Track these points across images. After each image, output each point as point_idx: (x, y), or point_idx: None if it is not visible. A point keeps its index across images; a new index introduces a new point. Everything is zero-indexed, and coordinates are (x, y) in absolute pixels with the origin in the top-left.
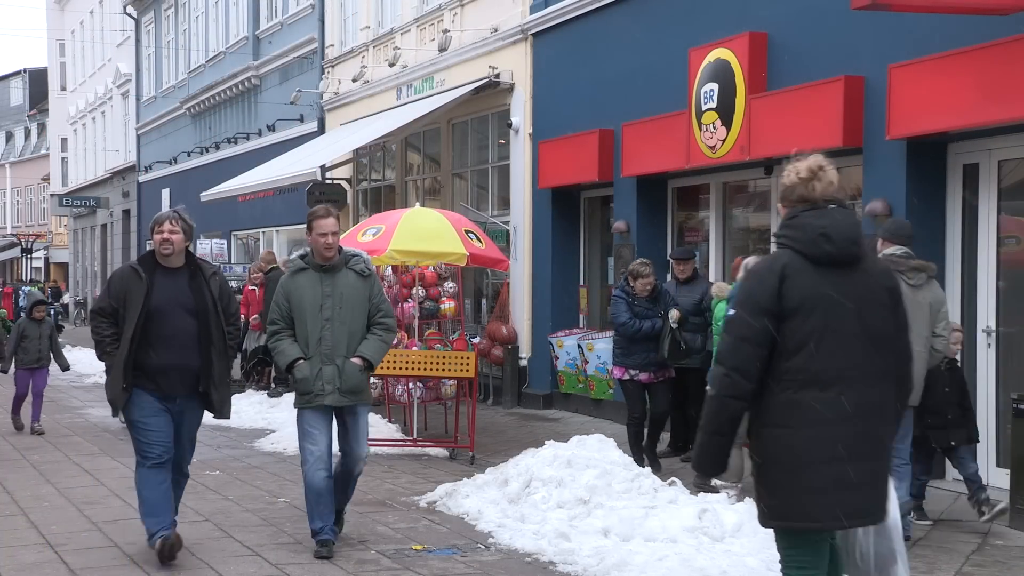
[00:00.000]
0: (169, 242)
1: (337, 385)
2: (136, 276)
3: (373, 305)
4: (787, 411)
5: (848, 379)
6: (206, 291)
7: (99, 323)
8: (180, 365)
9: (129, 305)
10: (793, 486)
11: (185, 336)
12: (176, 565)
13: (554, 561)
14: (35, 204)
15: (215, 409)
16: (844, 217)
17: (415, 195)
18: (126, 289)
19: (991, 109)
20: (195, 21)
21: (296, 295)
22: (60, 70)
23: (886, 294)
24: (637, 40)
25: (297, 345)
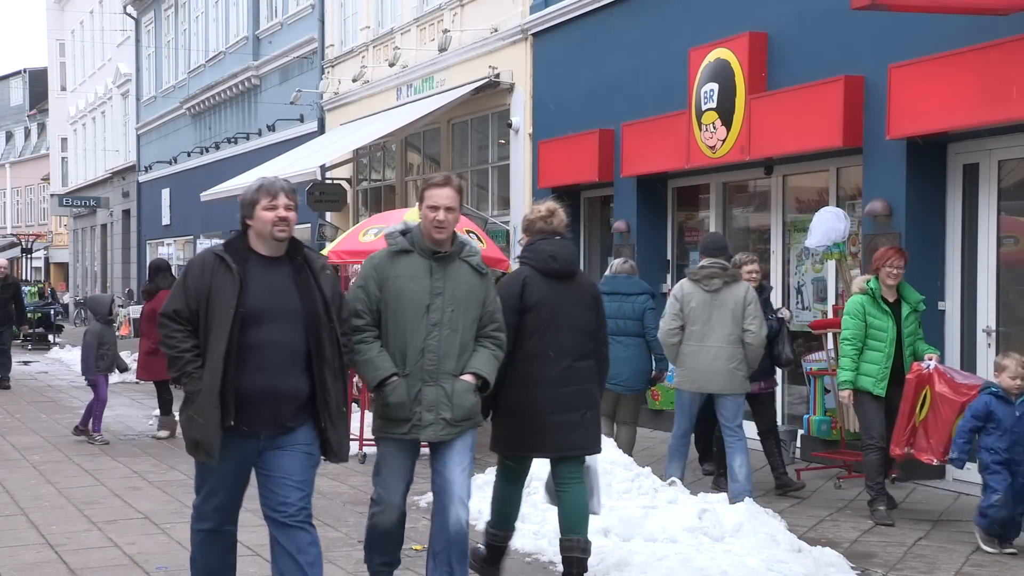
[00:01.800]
0: (287, 222)
1: (444, 414)
2: (224, 267)
3: (487, 312)
4: (519, 376)
5: (564, 356)
6: (315, 290)
7: (174, 332)
8: (279, 391)
9: (214, 307)
10: (520, 426)
11: (287, 351)
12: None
13: (554, 561)
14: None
15: (331, 450)
16: (565, 245)
17: (415, 195)
18: (209, 285)
19: (991, 109)
20: (195, 21)
21: (394, 285)
22: (60, 70)
23: (591, 299)
24: (637, 40)
25: (388, 355)
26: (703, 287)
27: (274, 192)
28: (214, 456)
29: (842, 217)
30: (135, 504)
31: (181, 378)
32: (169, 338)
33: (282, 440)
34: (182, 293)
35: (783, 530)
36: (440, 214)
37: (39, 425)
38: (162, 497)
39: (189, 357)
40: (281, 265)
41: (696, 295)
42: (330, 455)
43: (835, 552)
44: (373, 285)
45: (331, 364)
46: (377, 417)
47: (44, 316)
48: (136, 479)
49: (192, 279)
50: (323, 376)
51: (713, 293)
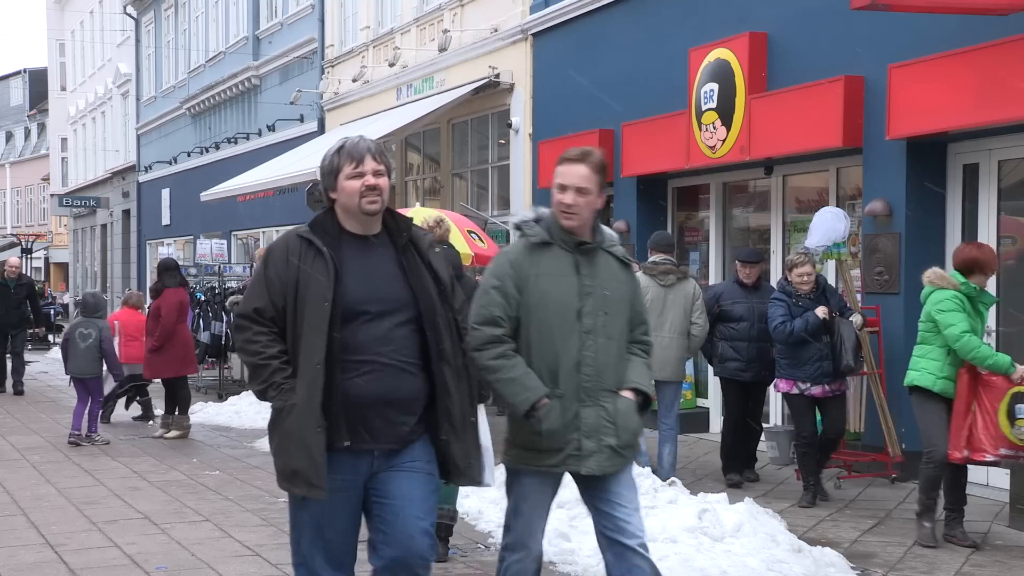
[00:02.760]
0: (376, 190)
1: (608, 440)
2: (313, 252)
3: (636, 313)
4: None
5: None
6: (426, 273)
7: (256, 336)
8: (395, 397)
9: (305, 302)
10: None
11: (398, 349)
12: (175, 565)
13: (554, 561)
14: (35, 204)
15: (456, 468)
16: (447, 252)
17: (415, 195)
18: (296, 275)
19: (991, 109)
20: (195, 21)
21: (537, 286)
22: (60, 70)
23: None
24: (637, 40)
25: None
26: (658, 281)
27: (359, 155)
28: (321, 486)
29: (842, 217)
30: (135, 504)
31: (268, 391)
32: (250, 343)
33: (398, 459)
34: (263, 287)
35: (783, 530)
36: (568, 196)
37: (39, 425)
38: (162, 497)
39: (277, 365)
40: (380, 245)
41: (652, 288)
42: (454, 475)
43: (835, 552)
44: (511, 286)
45: (452, 362)
46: (514, 446)
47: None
48: (136, 479)
49: (274, 269)
50: (443, 377)
51: (667, 288)
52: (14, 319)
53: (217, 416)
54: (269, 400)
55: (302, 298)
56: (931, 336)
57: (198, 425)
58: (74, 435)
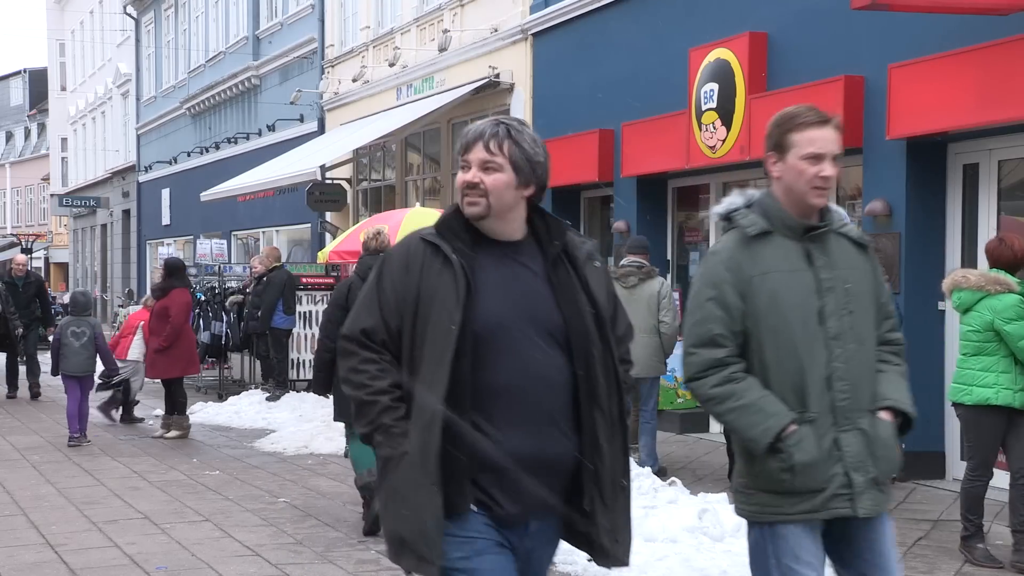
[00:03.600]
0: (477, 190)
1: (870, 472)
2: (439, 260)
3: (881, 306)
4: None
5: None
6: (580, 294)
7: (364, 365)
8: (541, 454)
9: (427, 323)
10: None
11: (544, 391)
12: (175, 565)
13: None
14: (35, 204)
15: (599, 545)
16: None
17: (415, 195)
18: (417, 289)
19: (991, 109)
20: (195, 21)
21: (765, 287)
22: (60, 70)
23: None
24: (637, 40)
25: (773, 394)
26: (621, 284)
27: (467, 141)
28: (433, 560)
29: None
30: (135, 504)
31: (374, 435)
32: (355, 372)
33: (541, 534)
34: (375, 302)
35: None
36: (827, 167)
37: (39, 425)
38: (162, 497)
39: (386, 403)
40: (525, 254)
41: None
42: (599, 554)
43: None
44: (731, 293)
45: (607, 411)
46: (758, 491)
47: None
48: (136, 479)
49: (390, 280)
50: (594, 428)
51: (630, 289)
52: (24, 319)
53: (217, 416)
54: (375, 446)
55: (423, 318)
56: (992, 347)
57: (198, 425)
58: (74, 438)
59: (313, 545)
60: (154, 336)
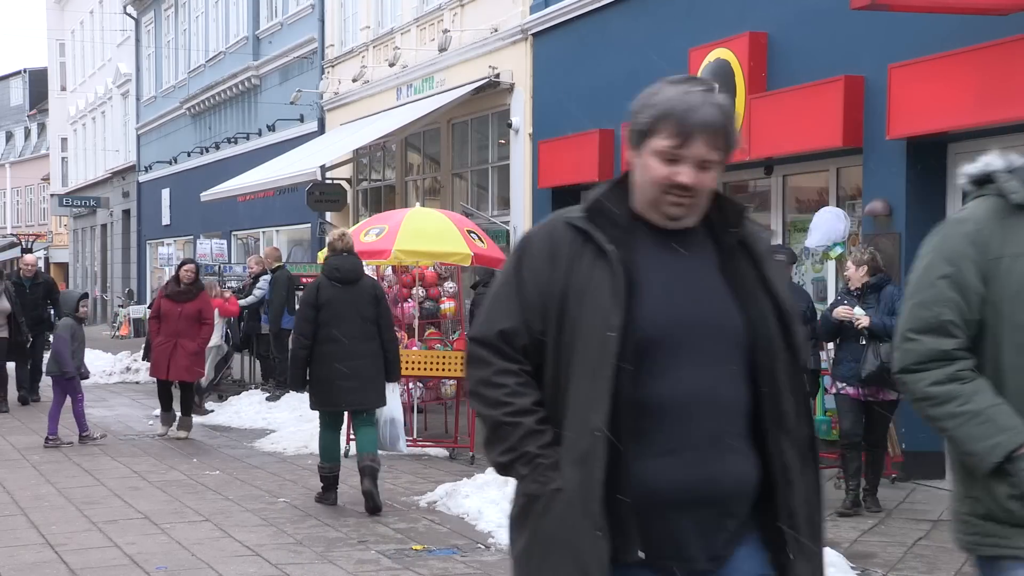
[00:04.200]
0: (691, 193)
1: None
2: (590, 250)
3: None
4: (320, 353)
5: (350, 337)
6: (760, 292)
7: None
8: (714, 490)
9: (577, 327)
10: (322, 390)
11: (720, 411)
12: (175, 565)
13: None
14: (35, 204)
15: None
16: (349, 258)
17: (415, 195)
18: (565, 284)
19: (991, 109)
20: (195, 21)
21: (1012, 271)
22: (60, 70)
23: (372, 297)
24: (637, 40)
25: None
26: None
27: (687, 130)
28: None
29: (842, 217)
30: (135, 504)
31: (515, 465)
32: (489, 386)
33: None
34: (514, 298)
35: None
36: None
37: (39, 425)
38: (162, 497)
39: (531, 425)
40: (694, 244)
41: None
42: None
43: (835, 552)
44: (972, 274)
45: (796, 434)
46: (978, 515)
47: None
48: (136, 479)
49: (532, 272)
50: (783, 457)
51: None
52: (32, 322)
53: (217, 416)
54: (516, 478)
55: (572, 322)
56: None
57: (198, 425)
58: (51, 439)
59: (313, 545)
60: (186, 339)
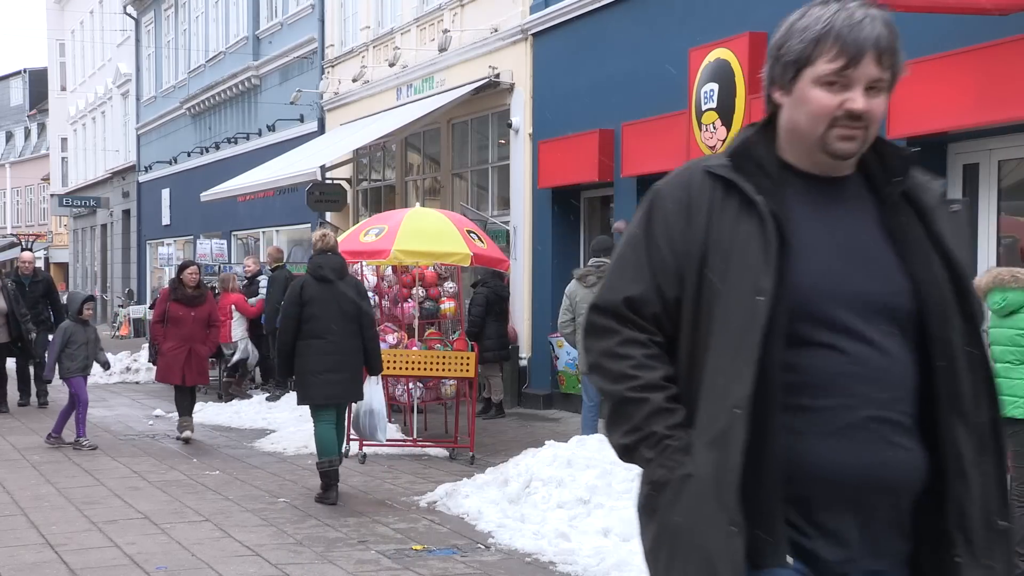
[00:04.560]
0: (862, 122)
1: None
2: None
3: None
4: (304, 349)
5: (332, 333)
6: (930, 250)
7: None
8: (877, 476)
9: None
10: (307, 384)
11: (886, 388)
12: (175, 565)
13: (554, 561)
14: (35, 204)
15: None
16: (333, 257)
17: (415, 195)
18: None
19: (991, 109)
20: (195, 21)
21: None
22: (60, 70)
23: (354, 294)
24: (637, 40)
25: None
26: (583, 285)
27: (855, 47)
28: None
29: None
30: (135, 504)
31: (639, 447)
32: (614, 358)
33: None
34: (644, 260)
35: None
36: None
37: (39, 425)
38: (162, 497)
39: (660, 403)
40: (851, 195)
41: (579, 292)
42: None
43: None
44: None
45: (973, 420)
46: None
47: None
48: (136, 479)
49: (665, 229)
50: (956, 445)
51: (590, 288)
52: (32, 321)
53: (217, 416)
54: (640, 463)
55: (713, 285)
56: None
57: (198, 425)
58: (52, 437)
59: (313, 545)
60: (199, 343)
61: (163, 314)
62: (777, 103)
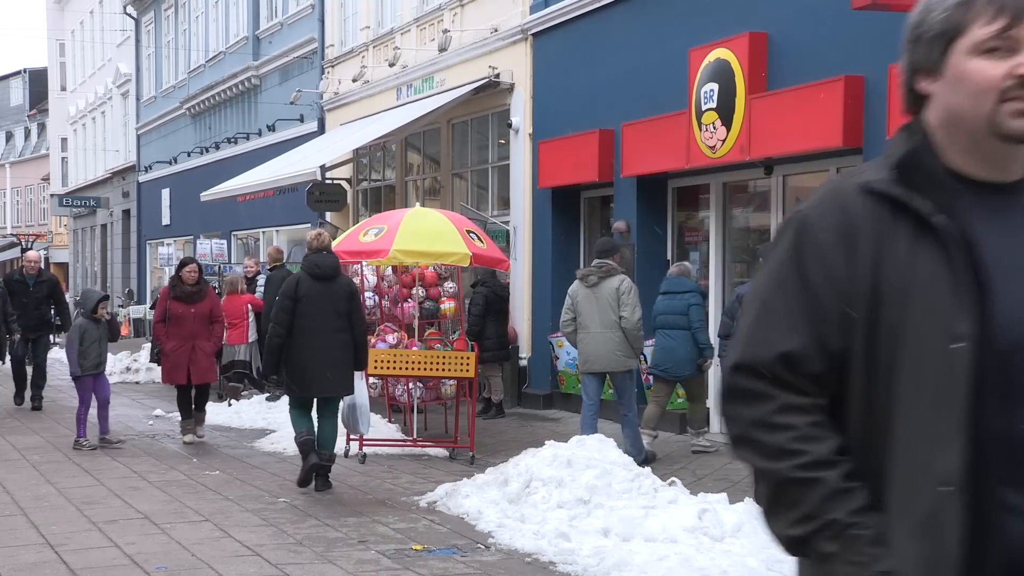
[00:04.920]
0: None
1: None
2: (906, 225)
3: None
4: (297, 344)
5: (322, 331)
6: None
7: (783, 414)
8: None
9: (899, 338)
10: (297, 376)
11: None
12: (175, 565)
13: (554, 561)
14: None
15: None
16: (328, 256)
17: (415, 195)
18: (874, 277)
19: None
20: (195, 21)
21: None
22: (60, 70)
23: (347, 293)
24: (637, 40)
25: None
26: (584, 284)
27: (1017, 1)
28: None
29: None
30: (135, 504)
31: (816, 538)
32: (771, 429)
33: None
34: (798, 305)
35: None
36: None
37: (39, 425)
38: (162, 497)
39: (835, 482)
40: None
41: (580, 291)
42: None
43: None
44: None
45: None
46: None
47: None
48: (136, 479)
49: (821, 266)
50: None
51: (591, 288)
52: (34, 321)
53: (217, 416)
54: (817, 558)
55: (891, 332)
56: None
57: None
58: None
59: (313, 545)
60: (202, 340)
61: (164, 313)
62: (924, 93)
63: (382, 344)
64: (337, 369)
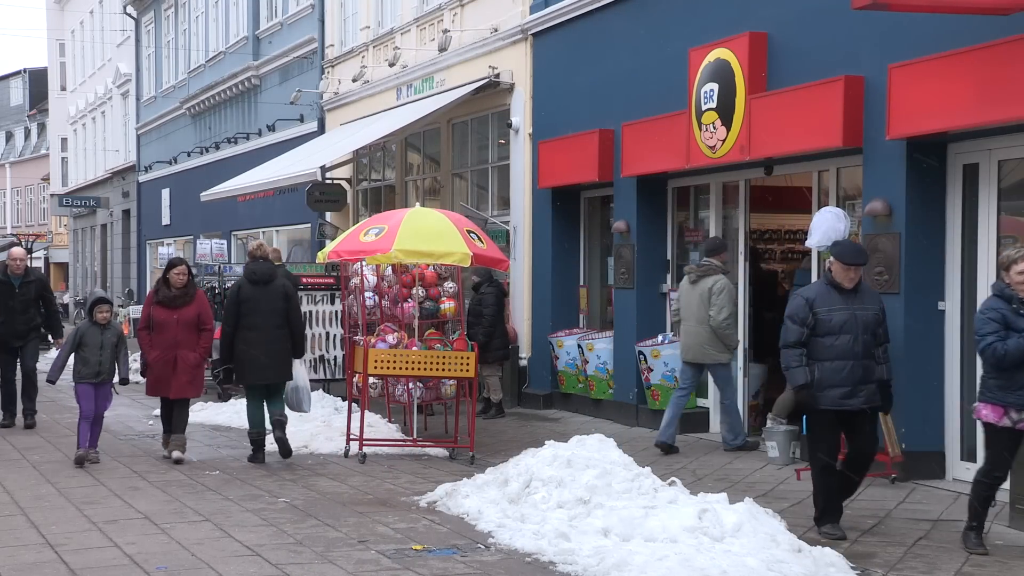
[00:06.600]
0: None
1: None
2: None
3: None
4: (241, 339)
5: (262, 327)
6: None
7: None
8: None
9: None
10: (241, 367)
11: None
12: (175, 565)
13: (554, 561)
14: (35, 204)
15: None
16: (264, 264)
17: (415, 195)
18: None
19: (991, 109)
20: (195, 21)
21: None
22: (60, 70)
23: (283, 294)
24: (637, 40)
25: None
26: (688, 279)
27: None
28: None
29: (842, 217)
30: (135, 504)
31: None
32: None
33: None
34: None
35: (783, 530)
36: None
37: (39, 425)
38: (162, 497)
39: None
40: None
41: (684, 286)
42: None
43: (835, 552)
44: None
45: None
46: None
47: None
48: (136, 479)
49: None
50: None
51: (692, 284)
52: (20, 326)
53: (217, 416)
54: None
55: None
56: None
57: (198, 425)
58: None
59: (313, 545)
60: (185, 349)
61: (147, 319)
62: None
63: (382, 344)
64: (275, 358)
